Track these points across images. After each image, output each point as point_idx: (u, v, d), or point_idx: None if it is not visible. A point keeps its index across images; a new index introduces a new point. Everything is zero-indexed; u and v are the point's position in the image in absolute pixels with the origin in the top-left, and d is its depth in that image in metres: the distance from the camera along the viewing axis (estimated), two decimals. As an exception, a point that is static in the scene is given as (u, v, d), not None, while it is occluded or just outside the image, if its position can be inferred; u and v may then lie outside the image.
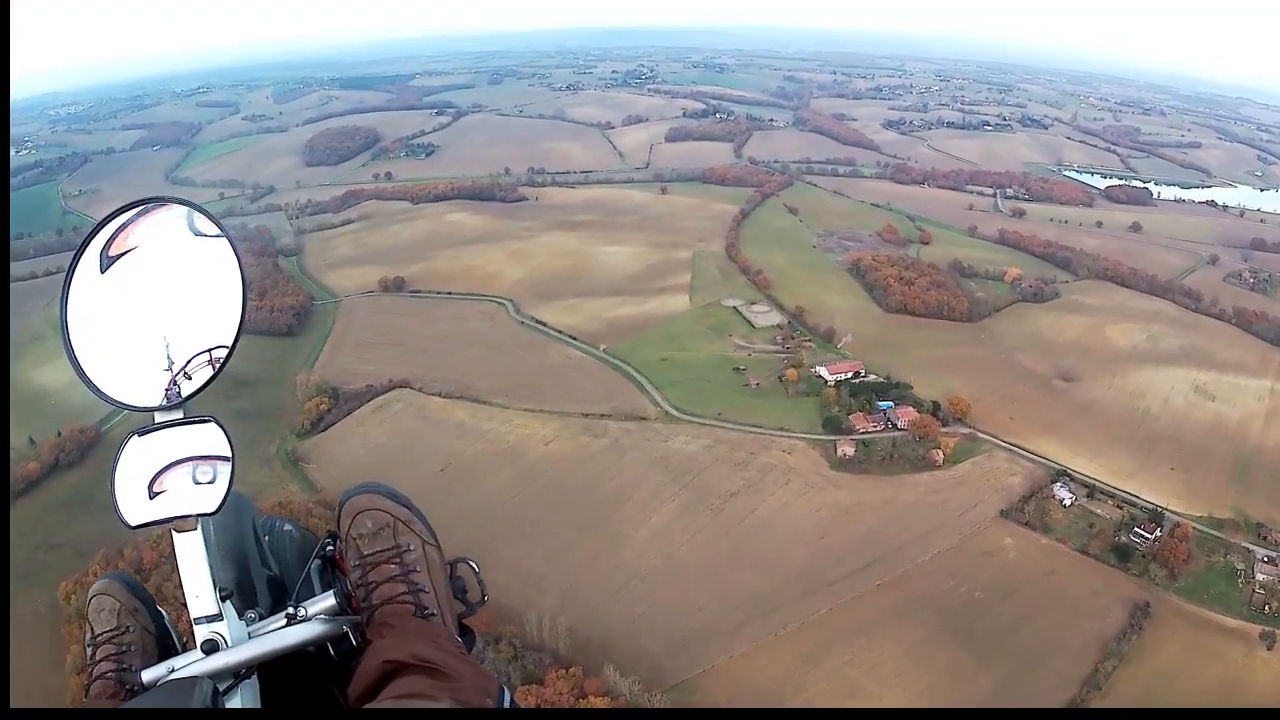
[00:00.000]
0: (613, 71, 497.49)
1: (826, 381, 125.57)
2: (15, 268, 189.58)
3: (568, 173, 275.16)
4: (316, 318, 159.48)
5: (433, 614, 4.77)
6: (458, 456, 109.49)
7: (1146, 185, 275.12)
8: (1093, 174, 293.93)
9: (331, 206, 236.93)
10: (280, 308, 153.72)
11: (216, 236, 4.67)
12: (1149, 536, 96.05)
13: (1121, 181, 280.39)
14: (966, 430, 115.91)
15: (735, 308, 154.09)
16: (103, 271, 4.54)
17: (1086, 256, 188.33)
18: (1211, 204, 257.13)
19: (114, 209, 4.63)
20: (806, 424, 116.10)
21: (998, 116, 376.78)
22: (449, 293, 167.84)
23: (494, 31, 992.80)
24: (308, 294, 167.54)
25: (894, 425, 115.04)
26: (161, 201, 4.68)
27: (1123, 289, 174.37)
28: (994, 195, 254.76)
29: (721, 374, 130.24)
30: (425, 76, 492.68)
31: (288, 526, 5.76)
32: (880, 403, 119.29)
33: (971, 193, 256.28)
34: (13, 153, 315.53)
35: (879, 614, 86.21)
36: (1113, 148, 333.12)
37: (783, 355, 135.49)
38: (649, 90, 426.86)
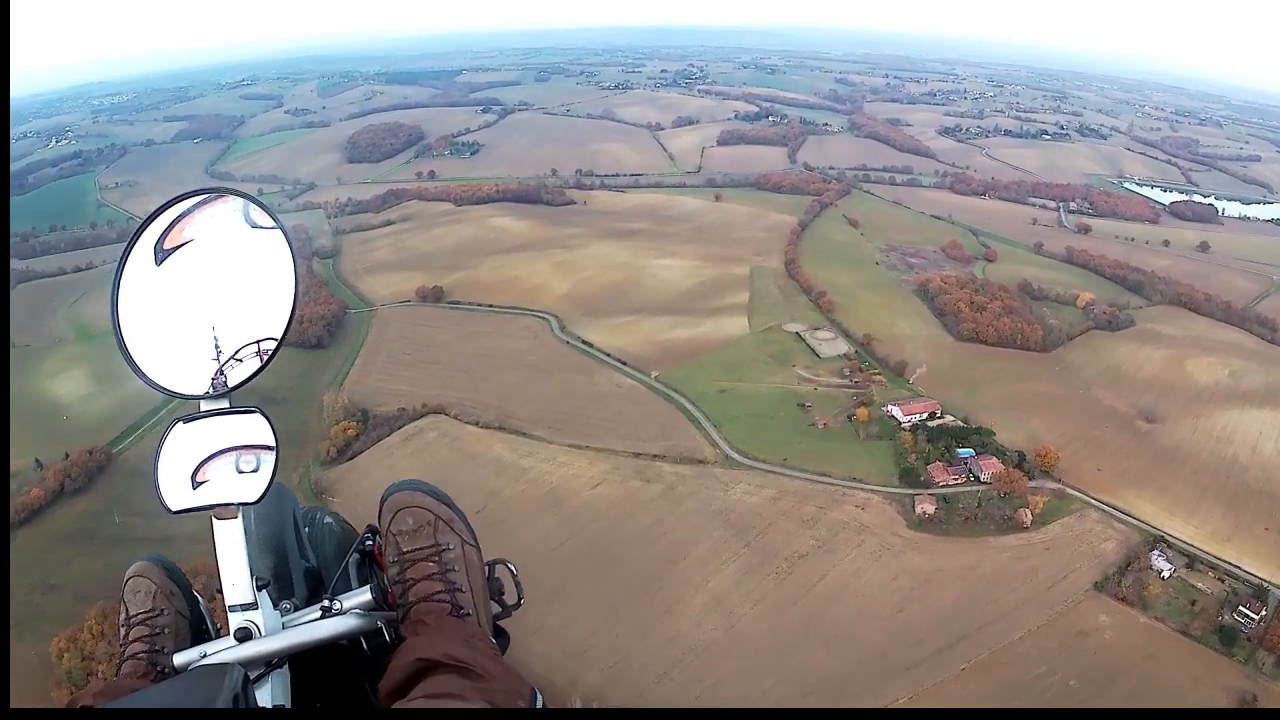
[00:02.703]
0: (662, 71, 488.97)
1: (900, 424, 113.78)
2: (45, 263, 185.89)
3: (617, 175, 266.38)
4: (349, 328, 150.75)
5: (468, 614, 4.76)
6: (495, 497, 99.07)
7: (1211, 201, 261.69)
8: (1153, 187, 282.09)
9: (372, 206, 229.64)
10: (311, 318, 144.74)
11: (271, 228, 4.69)
12: (1254, 617, 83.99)
13: (1185, 197, 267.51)
14: (1054, 485, 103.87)
15: (798, 334, 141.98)
16: (158, 264, 4.59)
17: (1159, 280, 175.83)
18: (1278, 223, 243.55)
19: (170, 198, 4.64)
20: (880, 474, 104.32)
21: (1055, 125, 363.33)
22: (490, 305, 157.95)
23: (541, 28, 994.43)
24: (341, 302, 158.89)
25: (976, 478, 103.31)
26: (218, 193, 4.71)
27: (1199, 317, 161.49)
28: (1058, 209, 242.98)
29: (785, 410, 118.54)
30: (471, 73, 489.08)
31: (328, 519, 5.71)
32: (960, 450, 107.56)
33: (1034, 205, 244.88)
34: (52, 142, 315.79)
35: (964, 705, 75.24)
36: (1173, 160, 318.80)
37: (851, 390, 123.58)
38: (699, 91, 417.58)
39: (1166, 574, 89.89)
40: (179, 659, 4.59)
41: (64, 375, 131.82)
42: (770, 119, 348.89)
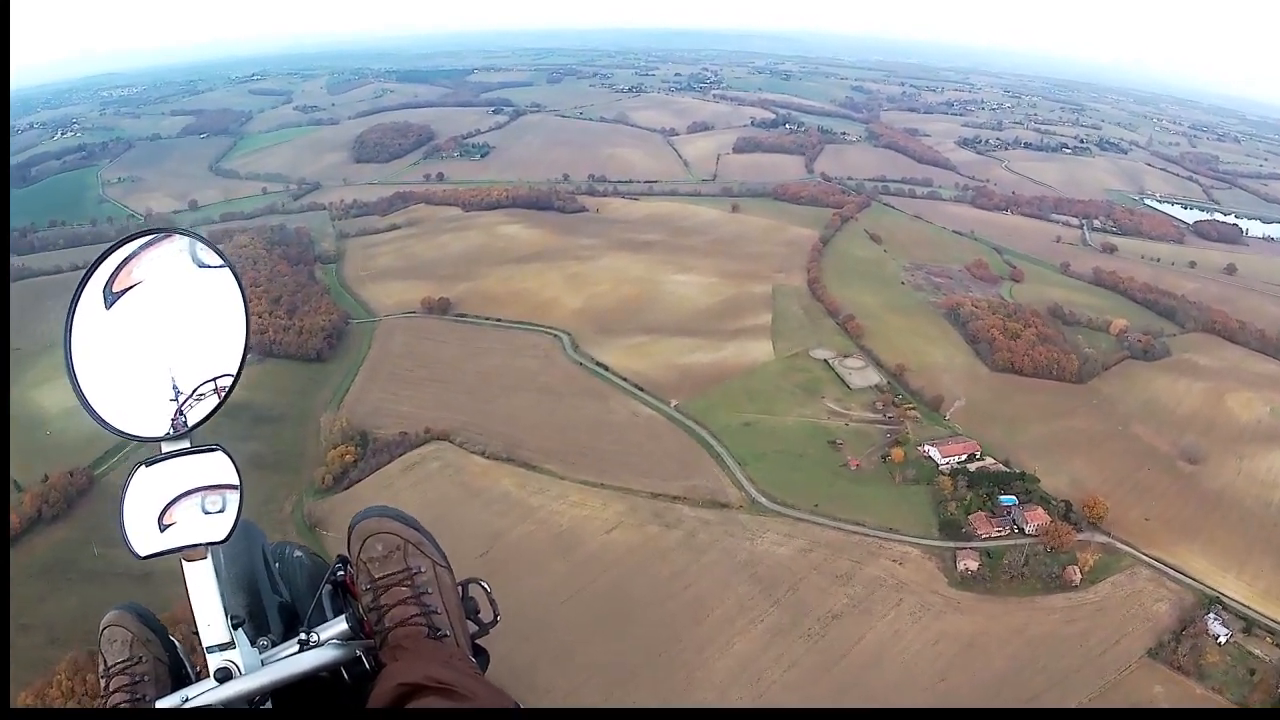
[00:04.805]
0: (676, 74, 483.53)
1: (939, 466, 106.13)
2: (41, 260, 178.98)
3: (630, 182, 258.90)
4: (351, 340, 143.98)
5: (445, 635, 4.77)
6: (501, 539, 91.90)
7: (1235, 221, 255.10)
8: (1174, 204, 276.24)
9: (378, 208, 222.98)
10: (310, 329, 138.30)
11: (219, 267, 4.74)
12: (1314, 687, 78.01)
13: (1208, 215, 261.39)
14: (1103, 538, 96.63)
15: (827, 361, 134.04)
16: (108, 307, 4.62)
17: (1190, 305, 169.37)
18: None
19: (117, 240, 4.71)
20: (918, 523, 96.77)
21: (1075, 138, 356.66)
22: (499, 320, 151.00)
23: (554, 28, 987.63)
24: (343, 312, 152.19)
25: (1021, 530, 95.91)
26: (166, 233, 4.76)
27: (1234, 346, 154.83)
28: (1081, 226, 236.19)
29: (815, 448, 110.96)
30: (483, 72, 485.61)
31: (298, 553, 5.74)
32: (1003, 498, 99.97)
33: (1056, 222, 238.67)
34: (57, 134, 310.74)
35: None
36: (1194, 176, 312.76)
37: (884, 426, 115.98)
38: (714, 96, 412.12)
39: (1223, 639, 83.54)
40: (161, 705, 4.54)
41: (49, 385, 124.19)
42: (787, 126, 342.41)
